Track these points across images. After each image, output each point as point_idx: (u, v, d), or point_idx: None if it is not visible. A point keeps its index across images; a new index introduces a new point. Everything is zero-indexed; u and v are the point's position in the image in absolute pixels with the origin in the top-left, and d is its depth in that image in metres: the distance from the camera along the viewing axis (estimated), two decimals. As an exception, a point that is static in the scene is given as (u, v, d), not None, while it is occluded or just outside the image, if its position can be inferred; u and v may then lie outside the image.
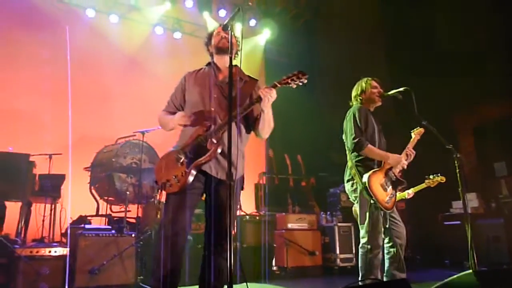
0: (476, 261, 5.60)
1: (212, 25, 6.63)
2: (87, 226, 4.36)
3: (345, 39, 7.51)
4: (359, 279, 2.99)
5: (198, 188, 2.35)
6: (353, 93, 3.41)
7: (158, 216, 4.55)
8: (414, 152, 3.30)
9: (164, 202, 2.41)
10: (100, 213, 5.50)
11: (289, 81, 2.25)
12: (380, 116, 3.45)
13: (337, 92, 7.25)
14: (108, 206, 5.56)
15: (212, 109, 2.40)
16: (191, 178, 2.27)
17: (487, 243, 5.73)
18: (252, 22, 7.74)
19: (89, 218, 5.29)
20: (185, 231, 2.28)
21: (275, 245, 5.49)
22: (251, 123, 2.49)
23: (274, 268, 5.39)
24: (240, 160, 2.42)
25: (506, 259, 5.40)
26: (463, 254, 5.93)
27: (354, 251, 5.72)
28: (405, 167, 3.19)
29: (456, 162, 3.37)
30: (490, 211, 6.30)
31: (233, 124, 2.05)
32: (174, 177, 2.31)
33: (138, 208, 5.25)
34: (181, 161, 2.33)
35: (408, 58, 6.90)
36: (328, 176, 7.21)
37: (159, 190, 2.43)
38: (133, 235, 4.40)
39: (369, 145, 3.09)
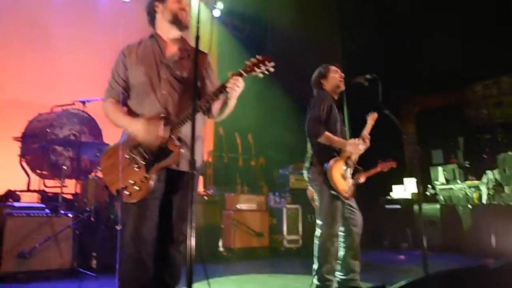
0: (413, 243, 5.87)
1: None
2: (16, 204, 3.88)
3: (301, 17, 7.35)
4: (315, 267, 2.94)
5: (160, 190, 2.04)
6: (313, 79, 3.28)
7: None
8: (369, 137, 3.26)
9: (120, 210, 2.04)
10: (31, 188, 5.00)
11: (255, 69, 2.00)
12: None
13: (289, 72, 7.20)
14: (41, 181, 5.07)
15: (164, 92, 2.09)
16: (152, 184, 1.96)
17: (423, 227, 6.04)
18: (207, -9, 7.31)
19: (18, 193, 4.77)
20: (152, 248, 1.98)
21: (222, 225, 5.36)
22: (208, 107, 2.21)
23: (221, 249, 5.28)
24: (200, 147, 2.20)
25: (440, 242, 5.74)
26: (400, 236, 6.30)
27: (300, 233, 5.77)
28: (363, 151, 3.15)
29: (413, 152, 3.42)
30: (428, 196, 6.65)
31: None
32: (132, 183, 1.96)
33: (76, 184, 4.82)
34: (138, 163, 1.99)
35: (362, 43, 6.91)
36: (277, 155, 7.17)
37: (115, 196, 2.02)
38: (70, 215, 4.02)
39: (326, 133, 2.99)
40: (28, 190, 4.93)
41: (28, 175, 5.00)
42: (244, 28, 8.35)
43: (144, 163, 1.98)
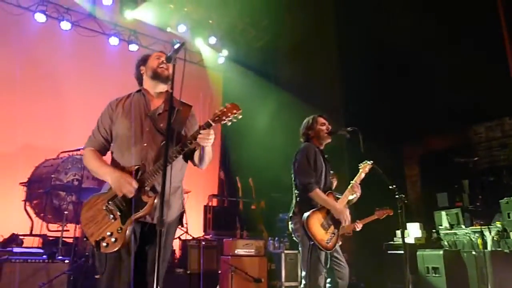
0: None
1: (174, 39, 6.54)
2: (14, 250, 4.02)
3: (302, 63, 7.60)
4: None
5: (134, 240, 2.12)
6: (301, 130, 3.40)
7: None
8: (359, 186, 3.29)
9: (97, 262, 2.13)
10: (34, 231, 5.15)
11: (224, 118, 2.06)
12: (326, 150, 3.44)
13: (291, 113, 7.34)
14: (44, 224, 5.23)
15: (144, 144, 2.21)
16: (128, 235, 2.05)
17: (427, 273, 5.90)
18: (212, 40, 7.68)
19: (21, 237, 4.93)
20: None
21: (219, 271, 5.35)
22: (188, 154, 2.30)
23: (218, 295, 5.25)
24: (177, 199, 2.29)
25: (444, 290, 5.57)
26: (403, 283, 6.14)
27: (299, 280, 5.69)
28: (348, 220, 3.15)
29: (398, 202, 3.44)
30: (431, 241, 6.51)
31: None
32: (109, 234, 2.06)
33: (76, 228, 4.94)
34: (114, 214, 2.08)
35: (363, 87, 7.05)
36: (280, 197, 7.17)
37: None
38: (66, 261, 4.11)
39: (317, 189, 3.04)
40: (31, 234, 5.08)
41: (31, 219, 5.17)
42: (248, 74, 8.64)
43: (120, 214, 2.08)
